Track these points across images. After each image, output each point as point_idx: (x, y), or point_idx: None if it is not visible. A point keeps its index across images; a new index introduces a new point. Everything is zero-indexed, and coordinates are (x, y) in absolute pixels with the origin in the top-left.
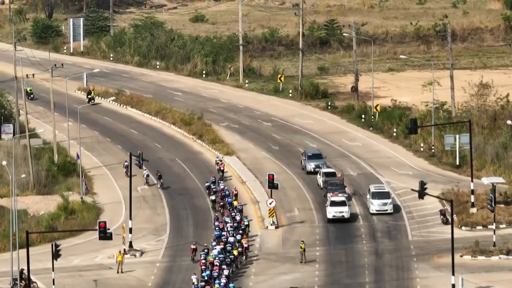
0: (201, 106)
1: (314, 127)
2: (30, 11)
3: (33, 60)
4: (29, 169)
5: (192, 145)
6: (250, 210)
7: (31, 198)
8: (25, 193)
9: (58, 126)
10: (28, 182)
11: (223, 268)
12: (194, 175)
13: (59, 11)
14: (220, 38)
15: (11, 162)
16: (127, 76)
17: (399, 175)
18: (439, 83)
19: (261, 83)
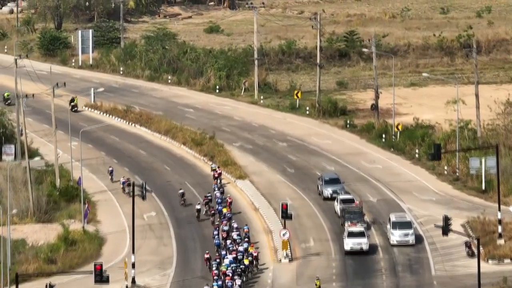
0: (213, 124)
1: (332, 148)
2: (38, 21)
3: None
4: (29, 195)
5: (202, 168)
6: (262, 241)
7: (30, 227)
8: (24, 220)
9: (63, 146)
10: (27, 208)
11: (235, 278)
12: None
13: (69, 21)
14: (235, 51)
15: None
16: (137, 91)
17: (421, 201)
18: (463, 101)
19: (277, 99)
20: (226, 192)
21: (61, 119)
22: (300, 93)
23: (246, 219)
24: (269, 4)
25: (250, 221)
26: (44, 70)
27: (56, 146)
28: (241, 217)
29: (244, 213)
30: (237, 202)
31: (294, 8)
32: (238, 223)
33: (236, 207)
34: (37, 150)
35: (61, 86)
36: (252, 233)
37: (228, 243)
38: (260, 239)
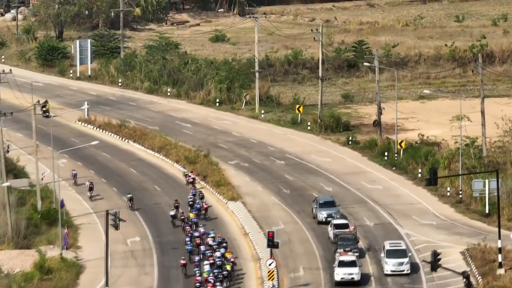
0: (210, 140)
1: (331, 166)
2: (39, 30)
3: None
4: (7, 218)
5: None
6: (249, 269)
7: (6, 253)
8: (1, 246)
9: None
10: (5, 233)
11: (217, 285)
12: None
13: (72, 29)
14: (239, 61)
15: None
16: (134, 104)
17: (420, 226)
18: (469, 118)
19: (279, 114)
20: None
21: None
22: (302, 107)
23: (235, 245)
24: (280, 11)
25: (238, 247)
26: (41, 82)
27: (38, 166)
28: (230, 243)
29: (233, 239)
30: (227, 226)
31: (306, 15)
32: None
33: (225, 231)
34: (23, 168)
35: (42, 103)
36: (240, 261)
37: (203, 249)
38: (247, 268)
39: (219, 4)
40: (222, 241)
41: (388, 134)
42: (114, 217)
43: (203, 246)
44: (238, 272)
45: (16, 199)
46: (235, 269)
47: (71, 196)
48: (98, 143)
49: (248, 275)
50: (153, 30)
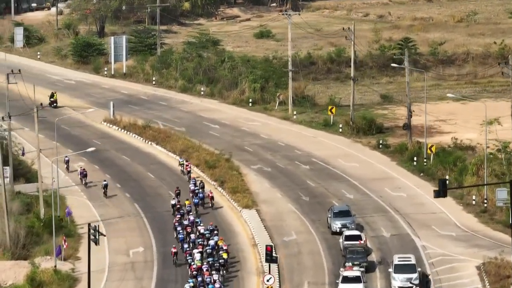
0: (236, 142)
1: (357, 172)
2: (80, 25)
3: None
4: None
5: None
6: (251, 283)
7: (1, 264)
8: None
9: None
10: (2, 242)
11: (213, 273)
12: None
13: (117, 24)
14: (281, 59)
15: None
16: (165, 104)
17: (439, 237)
18: (499, 122)
19: (312, 115)
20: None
21: (75, 135)
22: (336, 108)
23: (241, 257)
24: (334, 6)
25: (244, 259)
26: (73, 79)
27: (40, 172)
28: (236, 254)
29: (241, 250)
30: (237, 236)
31: (360, 10)
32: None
33: (235, 242)
34: (37, 172)
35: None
36: (243, 274)
37: (193, 237)
38: (250, 282)
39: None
40: (214, 229)
41: (423, 137)
42: (94, 231)
43: (193, 234)
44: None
45: (22, 205)
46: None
47: (80, 202)
48: (121, 145)
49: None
50: (202, 25)
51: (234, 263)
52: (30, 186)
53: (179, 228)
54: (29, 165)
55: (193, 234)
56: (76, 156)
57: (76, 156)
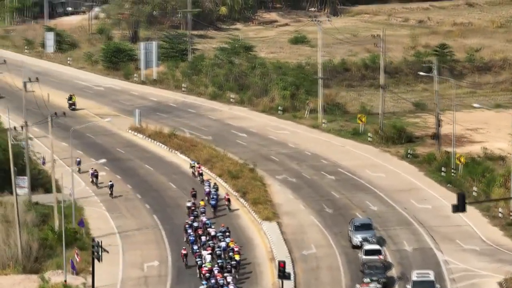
0: (263, 152)
1: (383, 182)
2: (113, 29)
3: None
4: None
5: (232, 205)
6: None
7: (10, 278)
8: (6, 270)
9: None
10: (14, 255)
11: (226, 275)
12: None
13: (152, 29)
14: (314, 65)
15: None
16: (194, 112)
17: (462, 252)
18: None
19: (342, 123)
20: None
21: (99, 144)
22: (366, 116)
23: (258, 271)
24: (375, 11)
25: (261, 273)
26: (102, 86)
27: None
28: (253, 268)
29: (258, 264)
30: (255, 249)
31: (400, 15)
32: (249, 274)
33: (252, 255)
34: (57, 182)
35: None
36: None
37: (203, 239)
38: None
39: (309, 3)
40: (225, 231)
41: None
42: (97, 247)
43: (204, 236)
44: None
45: (38, 217)
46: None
47: (99, 213)
48: (145, 154)
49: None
50: (238, 30)
51: (245, 264)
52: (48, 196)
53: (190, 230)
54: (49, 175)
55: (204, 236)
56: (99, 165)
57: (98, 165)
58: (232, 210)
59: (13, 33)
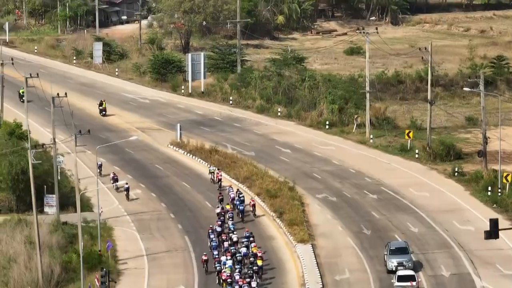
0: (305, 169)
1: (426, 202)
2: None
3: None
4: (37, 263)
5: (268, 226)
6: None
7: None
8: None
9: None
10: (36, 279)
11: (250, 281)
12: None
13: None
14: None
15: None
16: (239, 126)
17: (502, 278)
18: None
19: (390, 139)
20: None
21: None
22: (412, 132)
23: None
24: (435, 20)
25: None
26: (148, 98)
27: (79, 199)
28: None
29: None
30: (288, 274)
31: (462, 24)
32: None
33: (283, 279)
34: (89, 200)
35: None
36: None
37: (226, 245)
38: None
39: (370, 12)
40: (249, 236)
41: (504, 164)
42: (104, 276)
43: (227, 242)
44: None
45: (65, 237)
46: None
47: (128, 234)
48: (183, 171)
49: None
50: (295, 39)
51: (268, 269)
52: (74, 216)
53: (212, 235)
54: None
55: (227, 242)
56: (134, 181)
57: (134, 182)
58: (257, 216)
59: (64, 43)
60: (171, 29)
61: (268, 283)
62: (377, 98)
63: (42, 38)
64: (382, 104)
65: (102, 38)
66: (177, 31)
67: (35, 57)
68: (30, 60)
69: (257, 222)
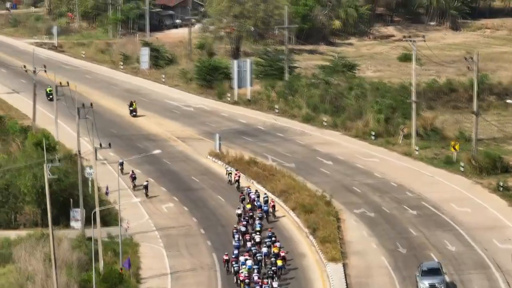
0: (346, 182)
1: (467, 218)
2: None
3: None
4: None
5: (300, 243)
6: None
7: None
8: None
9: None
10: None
11: (270, 281)
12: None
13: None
14: (418, 85)
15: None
16: (282, 136)
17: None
18: None
19: (437, 150)
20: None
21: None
22: (458, 145)
23: None
24: (497, 25)
25: None
26: (192, 106)
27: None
28: None
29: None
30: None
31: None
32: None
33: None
34: (117, 214)
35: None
36: None
37: (249, 245)
38: None
39: (429, 16)
40: (271, 236)
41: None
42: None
43: (250, 242)
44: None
45: (89, 253)
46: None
47: (155, 251)
48: (219, 183)
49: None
50: (352, 45)
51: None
52: (104, 231)
53: (237, 235)
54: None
55: (249, 242)
56: (168, 195)
57: (168, 195)
58: (276, 217)
59: (114, 47)
60: (221, 34)
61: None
62: (427, 107)
63: (92, 42)
64: (432, 113)
65: (150, 43)
66: (227, 36)
67: (82, 62)
68: (76, 65)
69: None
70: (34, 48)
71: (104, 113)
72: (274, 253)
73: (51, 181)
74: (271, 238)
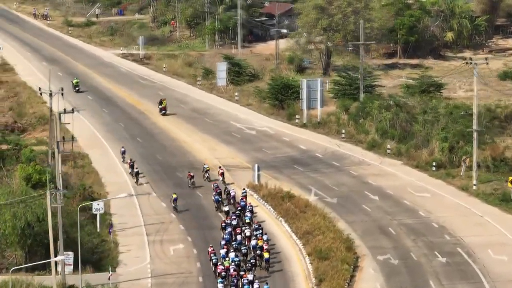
0: (383, 222)
1: (500, 269)
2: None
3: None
4: None
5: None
6: None
7: None
8: None
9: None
10: None
11: (241, 274)
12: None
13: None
14: (506, 108)
15: None
16: (336, 165)
17: None
18: None
19: (499, 185)
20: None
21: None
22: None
23: None
24: None
25: None
26: (256, 128)
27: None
28: None
29: None
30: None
31: None
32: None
33: None
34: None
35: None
36: None
37: (239, 239)
38: None
39: None
40: (258, 228)
41: None
42: None
43: (239, 236)
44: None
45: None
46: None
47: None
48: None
49: None
50: (464, 59)
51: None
52: (98, 276)
53: (228, 229)
54: (111, 247)
55: (239, 235)
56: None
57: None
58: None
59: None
60: (309, 48)
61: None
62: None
63: (182, 54)
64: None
65: (231, 57)
66: (316, 50)
67: (162, 76)
68: (154, 80)
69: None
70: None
71: (158, 135)
72: (258, 245)
73: (33, 221)
74: (257, 230)
